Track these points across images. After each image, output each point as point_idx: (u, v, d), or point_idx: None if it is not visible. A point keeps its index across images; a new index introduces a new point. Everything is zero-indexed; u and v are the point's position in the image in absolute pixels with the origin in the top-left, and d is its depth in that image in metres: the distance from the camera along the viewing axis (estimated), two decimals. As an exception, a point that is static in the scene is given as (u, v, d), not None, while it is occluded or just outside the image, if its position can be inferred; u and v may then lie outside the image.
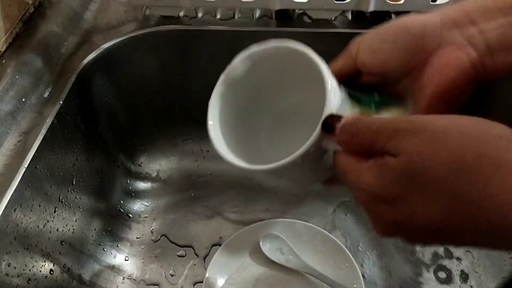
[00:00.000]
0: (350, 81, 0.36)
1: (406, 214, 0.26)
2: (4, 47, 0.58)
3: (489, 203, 0.23)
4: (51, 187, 0.54)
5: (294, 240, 0.64)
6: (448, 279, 0.63)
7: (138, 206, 0.72)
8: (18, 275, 0.49)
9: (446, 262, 0.64)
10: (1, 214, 0.45)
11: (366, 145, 0.28)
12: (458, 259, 0.64)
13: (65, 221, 0.58)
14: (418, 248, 0.66)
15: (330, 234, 0.64)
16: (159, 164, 0.77)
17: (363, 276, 0.61)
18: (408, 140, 0.26)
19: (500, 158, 0.24)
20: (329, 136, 0.30)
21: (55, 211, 0.55)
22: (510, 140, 0.24)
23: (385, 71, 0.35)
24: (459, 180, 0.24)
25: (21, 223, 0.49)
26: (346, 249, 0.62)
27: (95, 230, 0.65)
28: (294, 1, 0.62)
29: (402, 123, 0.27)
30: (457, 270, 0.64)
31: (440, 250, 0.66)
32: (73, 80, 0.59)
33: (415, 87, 0.33)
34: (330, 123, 0.30)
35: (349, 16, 0.66)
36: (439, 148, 0.25)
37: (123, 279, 0.64)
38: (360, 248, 0.66)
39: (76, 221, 0.60)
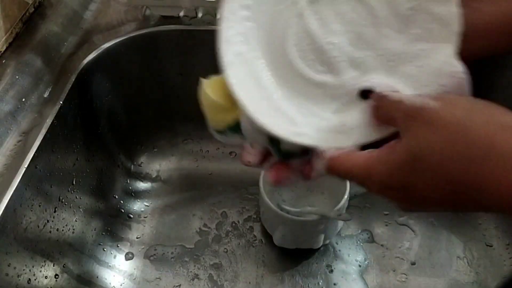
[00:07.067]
0: None
1: (418, 199, 0.28)
2: (4, 47, 0.58)
3: (483, 187, 0.25)
4: (51, 187, 0.54)
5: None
6: (448, 279, 0.63)
7: (138, 206, 0.72)
8: (18, 275, 0.49)
9: (446, 262, 0.64)
10: (1, 214, 0.45)
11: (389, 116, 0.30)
12: (458, 258, 0.64)
13: (65, 221, 0.58)
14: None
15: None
16: (159, 164, 0.77)
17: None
18: (410, 124, 0.28)
19: (486, 145, 0.25)
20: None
21: (55, 211, 0.55)
22: (498, 123, 0.26)
23: None
24: (452, 167, 0.26)
25: (21, 223, 0.49)
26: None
27: (95, 230, 0.65)
28: (294, 1, 0.62)
29: (416, 105, 0.28)
30: (457, 270, 0.64)
31: (440, 250, 0.66)
32: (73, 80, 0.59)
33: None
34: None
35: (349, 16, 0.66)
36: (432, 136, 0.26)
37: (123, 279, 0.64)
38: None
39: (76, 221, 0.60)
